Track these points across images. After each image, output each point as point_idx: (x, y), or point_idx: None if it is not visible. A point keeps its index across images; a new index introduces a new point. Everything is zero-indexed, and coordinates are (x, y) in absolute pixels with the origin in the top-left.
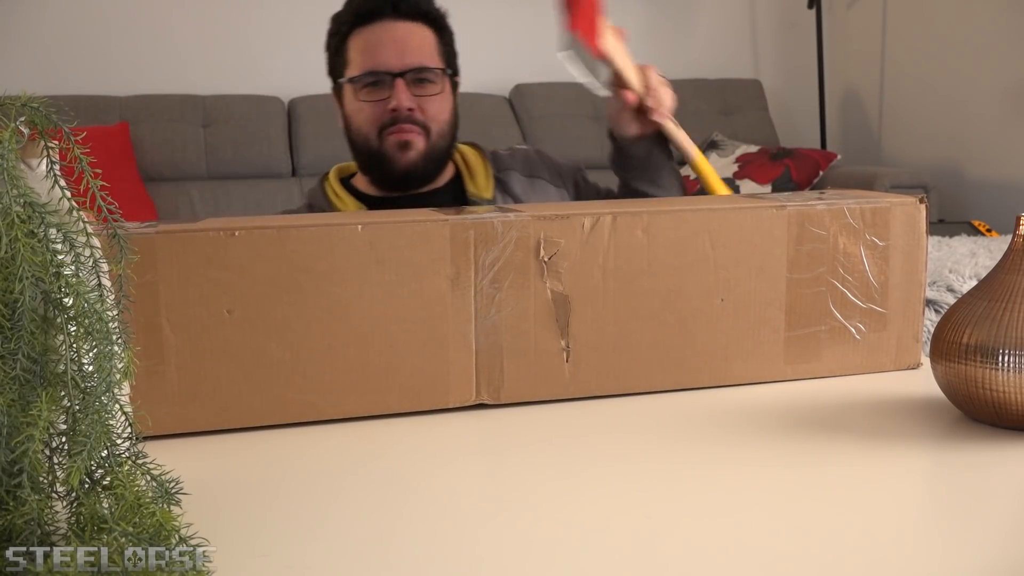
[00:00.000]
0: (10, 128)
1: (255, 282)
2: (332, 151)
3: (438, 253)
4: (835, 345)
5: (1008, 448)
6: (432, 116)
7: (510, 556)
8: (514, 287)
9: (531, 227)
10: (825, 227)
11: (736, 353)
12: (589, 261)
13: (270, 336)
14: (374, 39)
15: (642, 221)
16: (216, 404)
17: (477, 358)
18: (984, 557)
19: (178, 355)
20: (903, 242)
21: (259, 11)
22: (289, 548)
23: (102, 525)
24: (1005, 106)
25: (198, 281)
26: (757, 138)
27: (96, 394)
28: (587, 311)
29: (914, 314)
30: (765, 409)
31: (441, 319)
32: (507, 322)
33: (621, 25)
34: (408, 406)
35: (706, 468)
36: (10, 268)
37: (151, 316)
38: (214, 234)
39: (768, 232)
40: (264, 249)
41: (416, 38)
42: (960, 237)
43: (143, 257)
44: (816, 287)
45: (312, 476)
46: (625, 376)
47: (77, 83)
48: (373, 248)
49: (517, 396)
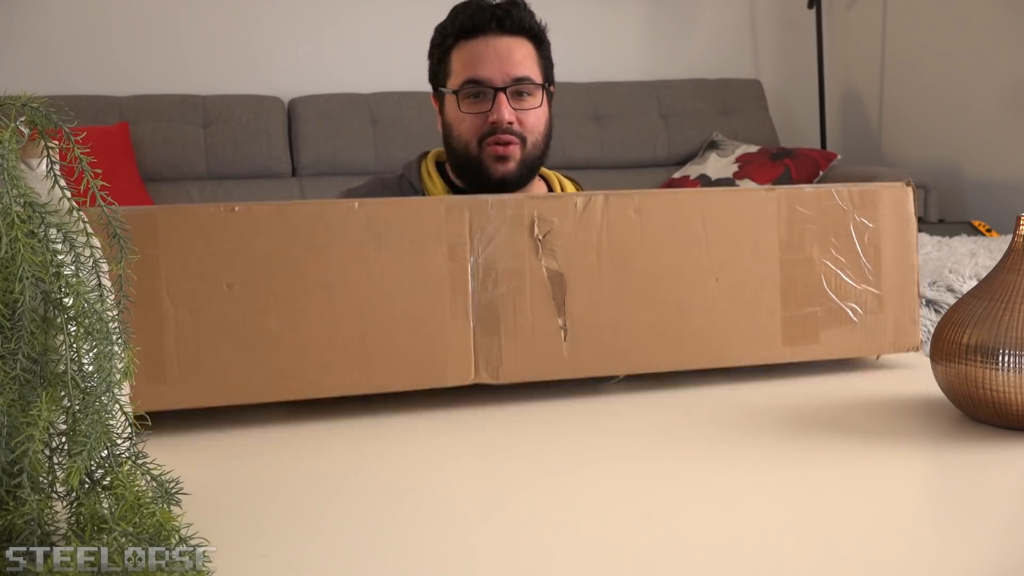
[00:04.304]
0: (10, 128)
1: (254, 257)
2: (332, 151)
3: (434, 229)
4: (833, 327)
5: (1008, 448)
6: (530, 128)
7: (509, 554)
8: (510, 264)
9: (525, 206)
10: (814, 208)
11: (734, 334)
12: (583, 240)
13: (269, 311)
14: (477, 52)
15: (634, 201)
16: (215, 378)
17: (475, 335)
18: (984, 557)
19: (178, 328)
20: (893, 225)
21: (259, 11)
22: (289, 548)
23: (102, 525)
24: (1005, 106)
25: (198, 255)
26: (757, 138)
27: (96, 394)
28: (583, 290)
29: (909, 296)
30: (765, 407)
31: (438, 295)
32: (504, 299)
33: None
34: (407, 384)
35: (705, 466)
36: (10, 268)
37: (152, 289)
38: (214, 210)
39: (759, 213)
40: (263, 225)
41: (518, 53)
42: (960, 237)
43: (145, 231)
44: (810, 268)
45: (312, 476)
46: (623, 356)
47: (77, 83)
48: (370, 224)
49: (516, 375)
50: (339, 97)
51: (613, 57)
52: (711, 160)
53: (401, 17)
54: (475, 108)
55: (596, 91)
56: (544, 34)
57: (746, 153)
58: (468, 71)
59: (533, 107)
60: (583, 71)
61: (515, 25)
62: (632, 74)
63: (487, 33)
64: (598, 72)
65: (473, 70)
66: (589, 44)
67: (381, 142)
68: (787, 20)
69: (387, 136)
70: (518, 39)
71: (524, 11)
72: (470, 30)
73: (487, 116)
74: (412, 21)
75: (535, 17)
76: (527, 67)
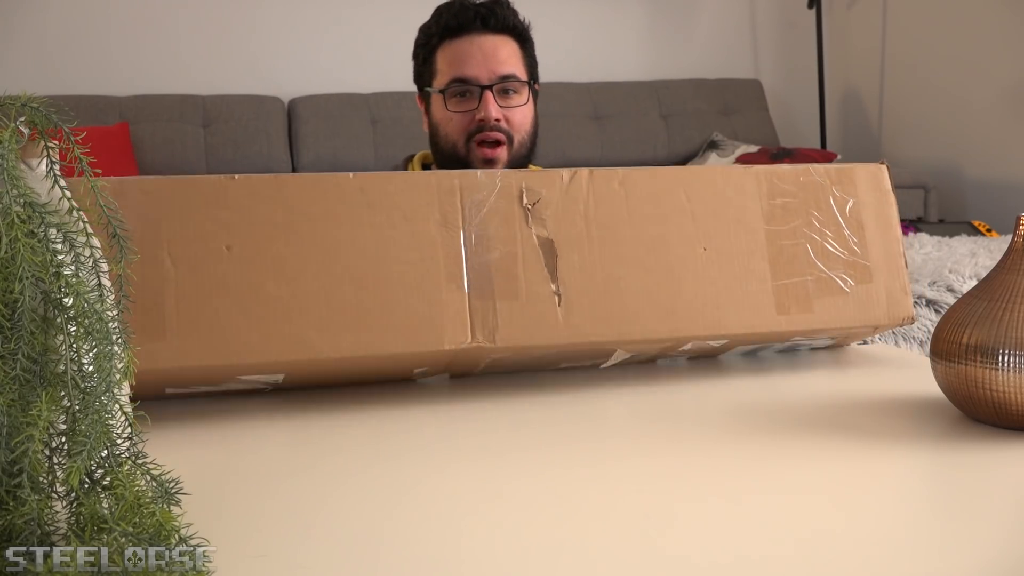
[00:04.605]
0: (10, 128)
1: (253, 222)
2: (332, 151)
3: (425, 198)
4: (825, 296)
5: (1008, 448)
6: (516, 126)
7: (508, 553)
8: (501, 231)
9: (513, 178)
10: (792, 183)
11: (727, 301)
12: (571, 210)
13: (267, 273)
14: (462, 51)
15: (617, 175)
16: (214, 337)
17: (470, 300)
18: (984, 557)
19: (177, 287)
20: (872, 199)
21: (259, 11)
22: (288, 548)
23: (102, 525)
24: (1005, 106)
25: (199, 219)
26: (757, 138)
27: (96, 394)
28: (573, 257)
29: (896, 267)
30: (763, 405)
31: (432, 260)
32: (497, 264)
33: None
34: (404, 347)
35: (703, 465)
36: (10, 268)
37: (153, 250)
38: (215, 178)
39: (739, 187)
40: (262, 192)
41: (503, 51)
42: (960, 237)
43: (148, 198)
44: (795, 239)
45: (312, 476)
46: (618, 323)
47: (77, 83)
48: (364, 193)
49: (512, 340)
50: (339, 97)
51: (613, 57)
52: (711, 160)
53: (401, 17)
54: (462, 107)
55: (596, 91)
56: (528, 32)
57: (746, 153)
58: (454, 70)
59: (520, 104)
60: (583, 71)
61: (499, 23)
62: (632, 74)
63: (472, 32)
64: (598, 72)
65: (459, 69)
66: (589, 44)
67: (381, 142)
68: (787, 20)
69: (387, 136)
70: (503, 37)
71: (508, 9)
72: (454, 29)
73: (474, 114)
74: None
75: (519, 15)
76: (512, 65)
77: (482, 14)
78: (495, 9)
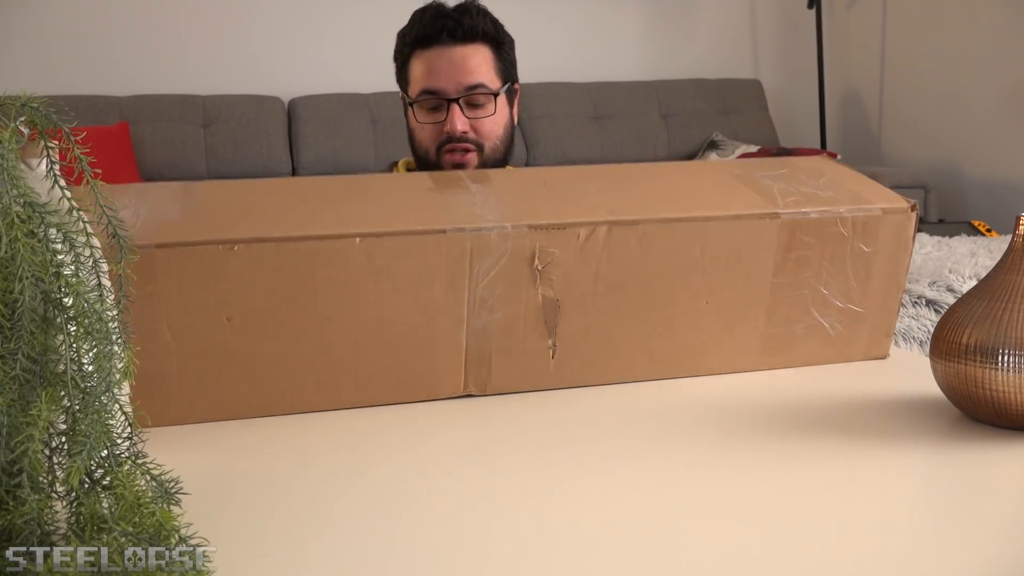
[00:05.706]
0: (10, 128)
1: (254, 293)
2: (332, 151)
3: (434, 263)
4: (810, 340)
5: (1008, 448)
6: (486, 134)
7: (510, 554)
8: (507, 291)
9: (527, 238)
10: (816, 234)
11: (715, 347)
12: (581, 270)
13: (268, 340)
14: (431, 63)
15: (637, 232)
16: (216, 399)
17: (466, 355)
18: (984, 557)
19: (179, 358)
20: (889, 249)
21: (259, 11)
22: (289, 548)
23: (102, 525)
24: (1005, 106)
25: (198, 292)
26: (757, 138)
27: (96, 394)
28: (576, 313)
29: (889, 312)
30: (762, 406)
31: (435, 323)
32: (498, 325)
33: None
34: (398, 398)
35: (703, 465)
36: (10, 268)
37: (152, 324)
38: (213, 248)
39: (758, 241)
40: (263, 262)
41: (472, 61)
42: (960, 237)
43: (143, 270)
44: (799, 290)
45: (312, 476)
46: (608, 370)
47: (77, 83)
48: (370, 259)
49: (503, 388)
50: (339, 97)
51: (613, 57)
52: (711, 160)
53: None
54: (431, 118)
55: (596, 91)
56: (501, 35)
57: (746, 153)
58: (423, 81)
59: (487, 115)
60: (583, 71)
61: (467, 33)
62: (632, 74)
63: (440, 44)
64: (598, 72)
65: (427, 81)
66: (589, 44)
67: (381, 142)
68: (787, 20)
69: (387, 136)
70: (472, 46)
71: (477, 16)
72: (423, 41)
73: (443, 126)
74: None
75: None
76: (481, 74)
77: (448, 27)
78: (462, 20)
